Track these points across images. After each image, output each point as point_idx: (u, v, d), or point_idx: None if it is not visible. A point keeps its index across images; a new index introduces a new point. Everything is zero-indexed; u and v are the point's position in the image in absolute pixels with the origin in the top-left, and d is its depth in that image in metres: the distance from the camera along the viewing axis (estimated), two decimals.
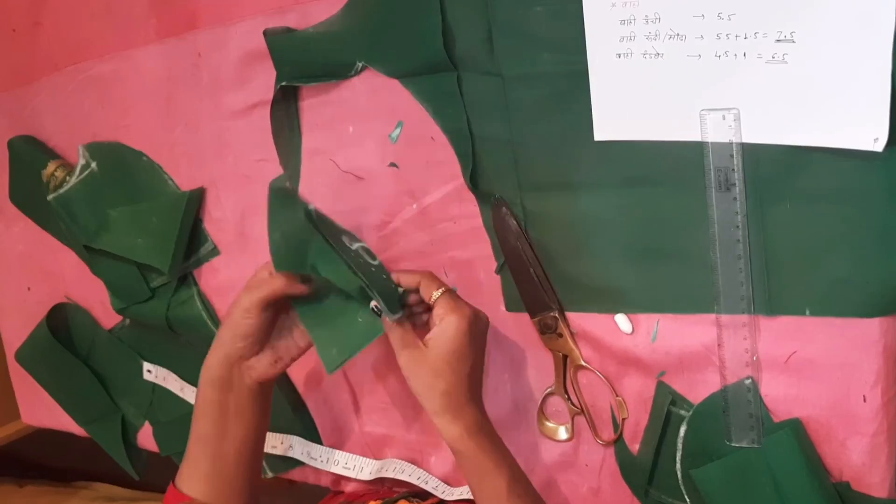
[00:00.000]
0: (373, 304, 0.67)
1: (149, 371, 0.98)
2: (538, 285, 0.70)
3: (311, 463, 0.87)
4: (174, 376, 0.96)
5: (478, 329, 0.68)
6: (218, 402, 0.72)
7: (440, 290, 0.67)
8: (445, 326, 0.65)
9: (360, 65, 0.73)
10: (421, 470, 0.81)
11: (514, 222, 0.69)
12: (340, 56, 0.73)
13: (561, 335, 0.70)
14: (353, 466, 0.85)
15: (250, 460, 0.74)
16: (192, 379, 0.95)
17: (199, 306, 0.90)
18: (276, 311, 0.72)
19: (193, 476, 0.73)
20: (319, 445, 0.87)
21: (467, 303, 0.68)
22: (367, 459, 0.84)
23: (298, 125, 0.79)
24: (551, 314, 0.70)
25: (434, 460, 0.81)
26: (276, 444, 0.88)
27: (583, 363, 0.70)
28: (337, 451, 0.86)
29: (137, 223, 0.90)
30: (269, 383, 0.74)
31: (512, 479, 0.65)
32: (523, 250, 0.69)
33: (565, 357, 0.71)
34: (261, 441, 0.76)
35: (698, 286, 0.62)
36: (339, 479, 0.87)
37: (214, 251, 0.89)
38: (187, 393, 0.94)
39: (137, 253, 0.89)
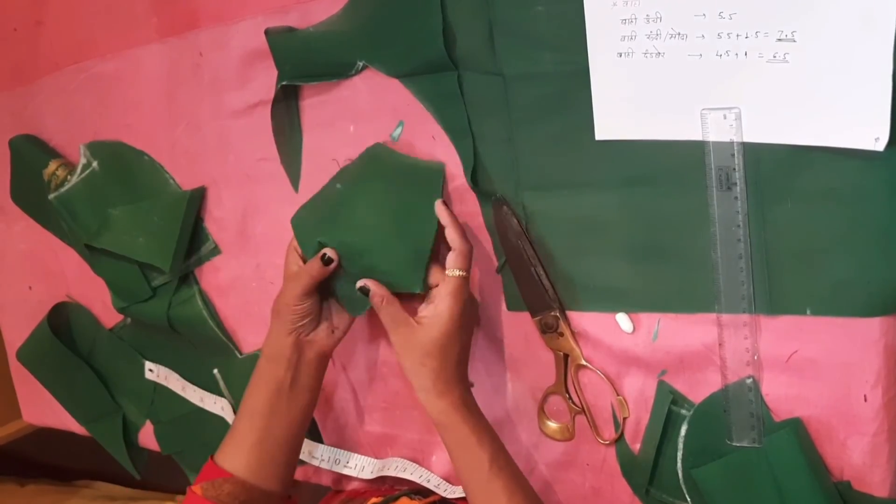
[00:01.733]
0: (359, 284, 0.70)
1: (150, 370, 0.98)
2: (539, 284, 0.70)
3: (313, 462, 0.87)
4: (175, 375, 0.96)
5: (470, 315, 0.70)
6: (277, 377, 0.73)
7: (458, 272, 0.68)
8: (442, 310, 0.67)
9: (360, 64, 0.73)
10: (423, 468, 0.81)
11: (516, 221, 0.69)
12: (341, 55, 0.73)
13: (562, 334, 0.70)
14: (356, 465, 0.85)
15: (296, 439, 0.76)
16: (192, 378, 0.95)
17: (201, 305, 0.90)
18: (322, 291, 0.74)
19: (238, 452, 0.73)
20: (321, 444, 0.87)
21: (468, 290, 0.70)
22: (369, 458, 0.85)
23: (299, 124, 0.79)
24: (552, 313, 0.70)
25: (435, 459, 0.81)
26: None
27: (584, 362, 0.70)
28: (339, 450, 0.86)
29: (138, 222, 0.90)
30: (326, 356, 0.76)
31: (494, 453, 0.67)
32: (524, 249, 0.69)
33: (566, 356, 0.71)
34: (308, 421, 0.77)
35: (699, 285, 0.62)
36: (340, 477, 0.87)
37: (216, 250, 0.89)
38: (188, 392, 0.95)
39: (138, 252, 0.89)
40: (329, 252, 0.71)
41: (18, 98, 0.99)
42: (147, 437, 1.03)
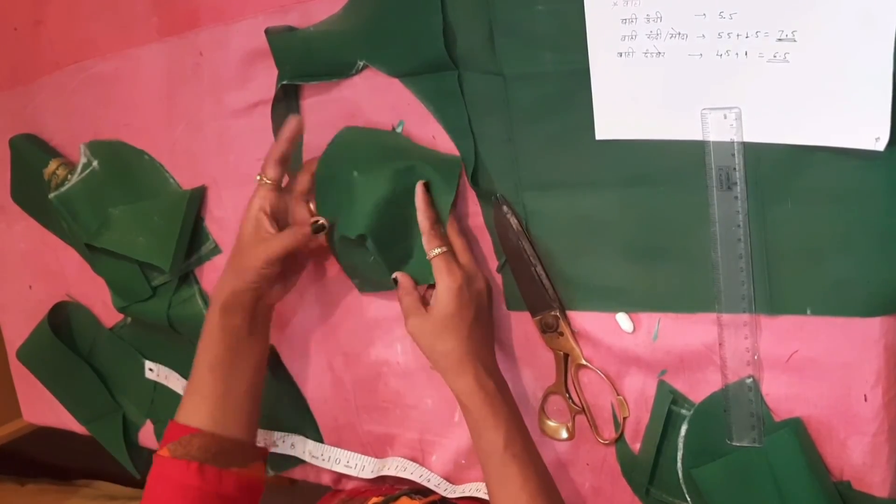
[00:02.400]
0: (393, 275, 0.72)
1: (150, 370, 0.98)
2: (539, 284, 0.70)
3: (313, 461, 0.87)
4: (176, 375, 0.96)
5: (472, 290, 0.69)
6: (234, 327, 0.73)
7: (436, 251, 0.69)
8: (439, 290, 0.68)
9: (361, 64, 0.73)
10: (423, 468, 0.81)
11: (515, 220, 0.69)
12: (341, 55, 0.73)
13: (562, 334, 0.70)
14: (356, 465, 0.85)
15: (258, 387, 0.76)
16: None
17: (201, 305, 0.90)
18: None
19: (202, 406, 0.73)
20: (321, 444, 0.87)
21: (462, 264, 0.70)
22: (369, 458, 0.85)
23: None
24: (552, 313, 0.70)
25: (435, 458, 0.81)
26: (278, 442, 0.88)
27: (584, 362, 0.70)
28: (338, 450, 0.86)
29: (139, 221, 0.90)
30: (273, 306, 0.78)
31: (510, 437, 0.66)
32: (524, 248, 0.69)
33: (566, 356, 0.71)
34: (265, 367, 0.78)
35: (699, 285, 0.62)
36: (339, 477, 0.87)
37: (216, 250, 0.89)
38: None
39: (138, 251, 0.89)
40: (323, 220, 0.73)
41: (18, 97, 0.99)
42: (147, 436, 1.03)
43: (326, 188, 0.75)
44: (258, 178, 0.74)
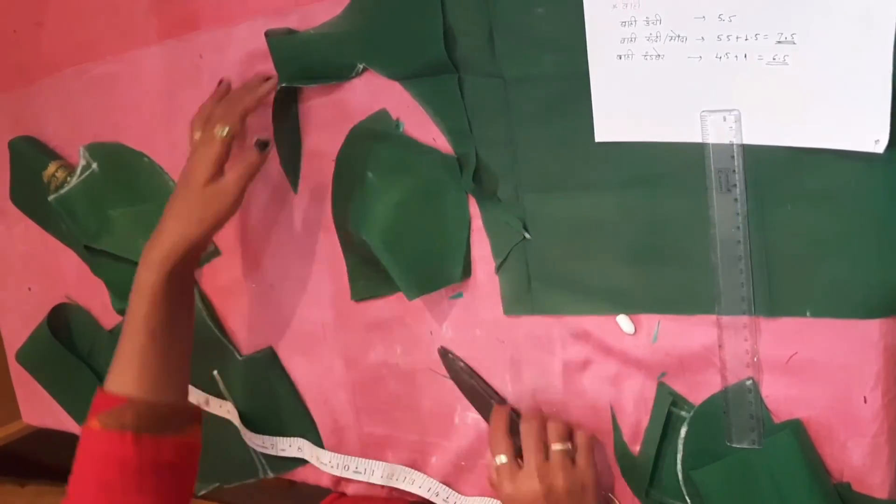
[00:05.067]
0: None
1: None
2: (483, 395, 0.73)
3: (322, 467, 0.87)
4: None
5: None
6: (179, 288, 0.72)
7: (559, 447, 0.67)
8: (523, 490, 0.66)
9: (360, 66, 0.73)
10: (431, 479, 0.81)
11: (463, 363, 0.73)
12: (341, 57, 0.73)
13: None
14: (364, 470, 0.84)
15: (190, 345, 0.75)
16: (192, 379, 0.94)
17: (200, 306, 0.90)
18: None
19: (138, 374, 0.69)
20: (328, 451, 0.87)
21: (570, 473, 0.67)
22: (379, 462, 0.84)
23: (298, 126, 0.79)
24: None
25: (434, 460, 0.81)
26: (284, 446, 0.88)
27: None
28: (347, 457, 0.86)
29: (138, 224, 0.90)
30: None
31: None
32: (479, 385, 0.74)
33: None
34: (194, 322, 0.77)
35: (699, 287, 0.62)
36: (339, 479, 0.87)
37: (216, 252, 0.89)
38: (194, 395, 0.94)
39: (137, 254, 0.89)
40: (262, 137, 0.72)
41: (18, 100, 0.99)
42: None
43: (342, 184, 0.74)
44: (219, 130, 0.72)
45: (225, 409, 0.92)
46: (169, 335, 0.71)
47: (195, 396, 0.94)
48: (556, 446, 0.67)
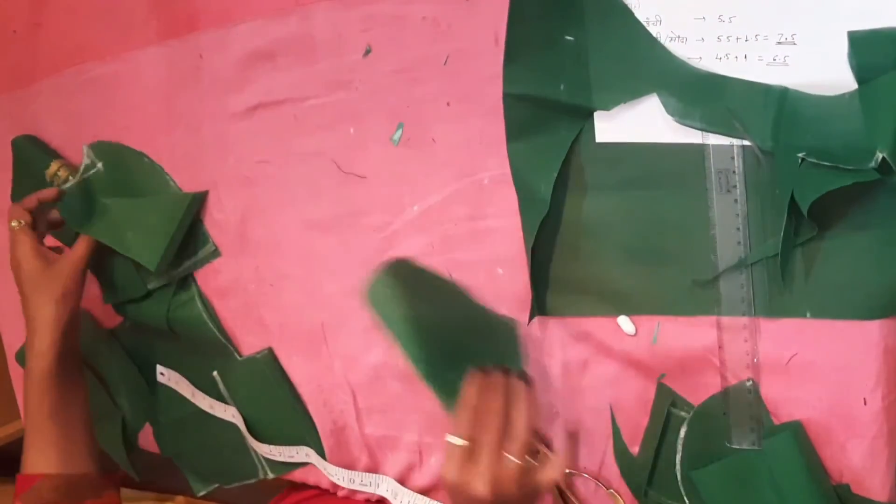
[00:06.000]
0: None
1: (161, 374, 0.98)
2: None
3: (330, 477, 0.86)
4: (186, 381, 0.96)
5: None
6: (66, 368, 0.78)
7: (519, 461, 0.61)
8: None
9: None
10: (417, 495, 0.81)
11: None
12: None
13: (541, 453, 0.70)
14: (370, 483, 0.84)
15: (89, 414, 0.81)
16: (192, 379, 0.95)
17: (200, 307, 0.90)
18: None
19: (45, 454, 0.76)
20: (342, 469, 0.87)
21: (524, 491, 0.61)
22: (383, 477, 0.84)
23: None
24: None
25: (433, 461, 0.81)
26: (292, 453, 0.88)
27: (569, 471, 0.71)
28: (354, 472, 0.86)
29: (131, 216, 0.89)
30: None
31: None
32: None
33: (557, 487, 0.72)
34: (88, 392, 0.83)
35: (699, 288, 0.62)
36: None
37: (215, 252, 0.89)
38: (198, 398, 0.94)
39: (125, 246, 0.89)
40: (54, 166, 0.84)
41: (17, 101, 0.99)
42: (146, 439, 1.03)
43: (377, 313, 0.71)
44: (14, 223, 0.82)
45: (230, 414, 0.92)
46: (66, 413, 0.77)
47: (201, 400, 0.94)
48: (515, 459, 0.61)
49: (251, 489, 0.80)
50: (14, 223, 0.81)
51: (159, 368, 0.98)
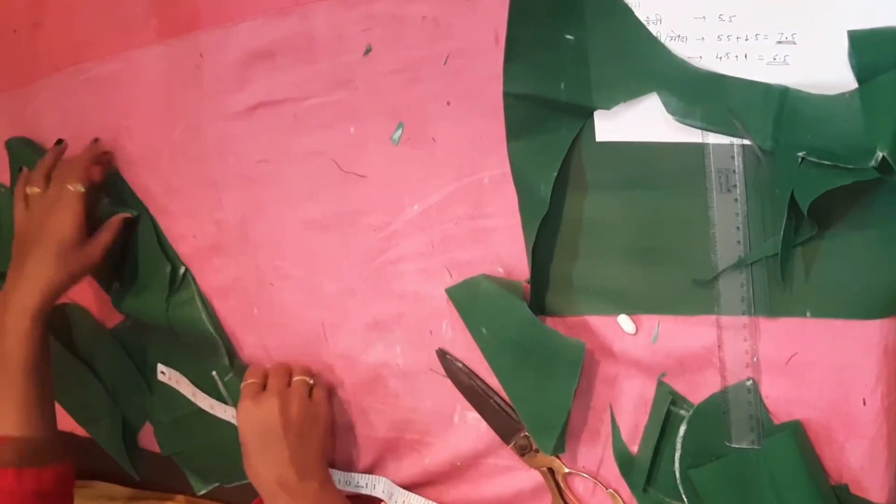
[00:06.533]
0: None
1: (162, 373, 0.98)
2: (503, 413, 0.72)
3: (361, 491, 0.86)
4: (186, 380, 0.96)
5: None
6: (43, 333, 0.79)
7: (300, 378, 0.78)
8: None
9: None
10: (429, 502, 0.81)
11: (461, 364, 0.73)
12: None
13: (538, 451, 0.71)
14: (366, 484, 0.84)
15: (51, 382, 0.82)
16: (191, 379, 0.95)
17: (200, 307, 0.90)
18: None
19: (14, 413, 0.76)
20: (364, 474, 0.86)
21: (306, 402, 0.77)
22: (383, 479, 0.84)
23: None
24: (523, 434, 0.71)
25: (428, 461, 0.81)
26: None
27: (568, 470, 0.71)
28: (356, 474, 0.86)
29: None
30: None
31: None
32: (478, 386, 0.73)
33: (550, 470, 0.72)
34: (51, 360, 0.84)
35: (699, 287, 0.62)
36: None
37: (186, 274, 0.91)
38: (199, 398, 0.94)
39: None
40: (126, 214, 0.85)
41: (17, 100, 0.99)
42: (147, 438, 1.03)
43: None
44: (73, 188, 0.82)
45: (230, 415, 0.92)
46: (38, 374, 0.78)
47: (202, 400, 0.94)
48: (297, 377, 0.78)
49: (251, 488, 0.80)
50: (74, 187, 0.82)
51: (160, 367, 0.98)
